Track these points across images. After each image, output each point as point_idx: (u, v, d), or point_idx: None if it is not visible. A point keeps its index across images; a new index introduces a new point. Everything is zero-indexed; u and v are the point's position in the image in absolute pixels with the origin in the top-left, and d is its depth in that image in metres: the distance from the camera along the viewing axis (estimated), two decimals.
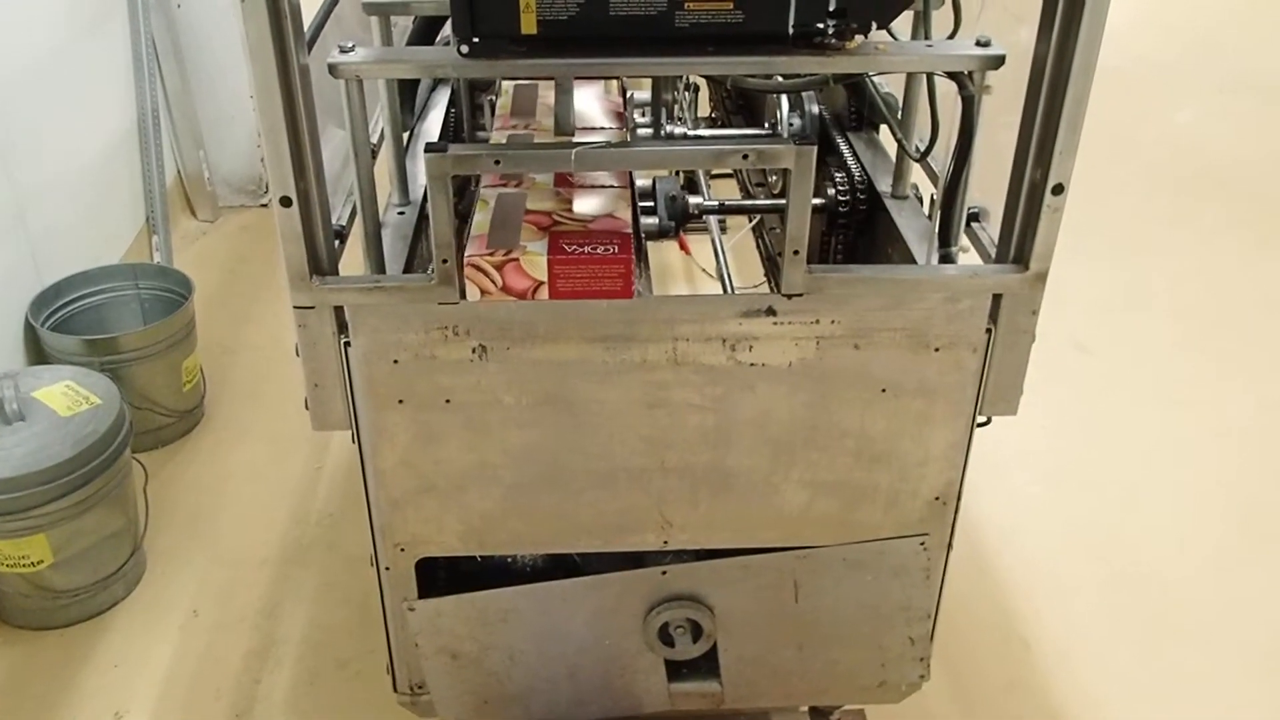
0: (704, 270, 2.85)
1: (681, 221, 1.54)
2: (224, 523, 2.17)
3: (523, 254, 1.16)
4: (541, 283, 1.16)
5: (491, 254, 1.16)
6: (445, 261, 1.13)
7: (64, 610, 1.94)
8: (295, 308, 1.17)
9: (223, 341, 2.67)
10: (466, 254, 1.16)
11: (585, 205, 1.28)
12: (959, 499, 1.34)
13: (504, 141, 1.43)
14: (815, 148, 1.09)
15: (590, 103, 1.52)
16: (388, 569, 1.37)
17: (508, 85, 1.55)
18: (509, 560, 1.44)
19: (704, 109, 2.21)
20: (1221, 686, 1.83)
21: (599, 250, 1.17)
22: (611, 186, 1.33)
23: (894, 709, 1.59)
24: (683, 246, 2.96)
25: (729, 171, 2.35)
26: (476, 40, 1.04)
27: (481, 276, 1.16)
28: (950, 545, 1.38)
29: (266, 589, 2.01)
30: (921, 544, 1.36)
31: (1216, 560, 2.08)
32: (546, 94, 1.52)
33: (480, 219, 1.24)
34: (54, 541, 1.86)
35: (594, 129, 1.45)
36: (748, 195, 2.18)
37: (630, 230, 1.21)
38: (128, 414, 1.97)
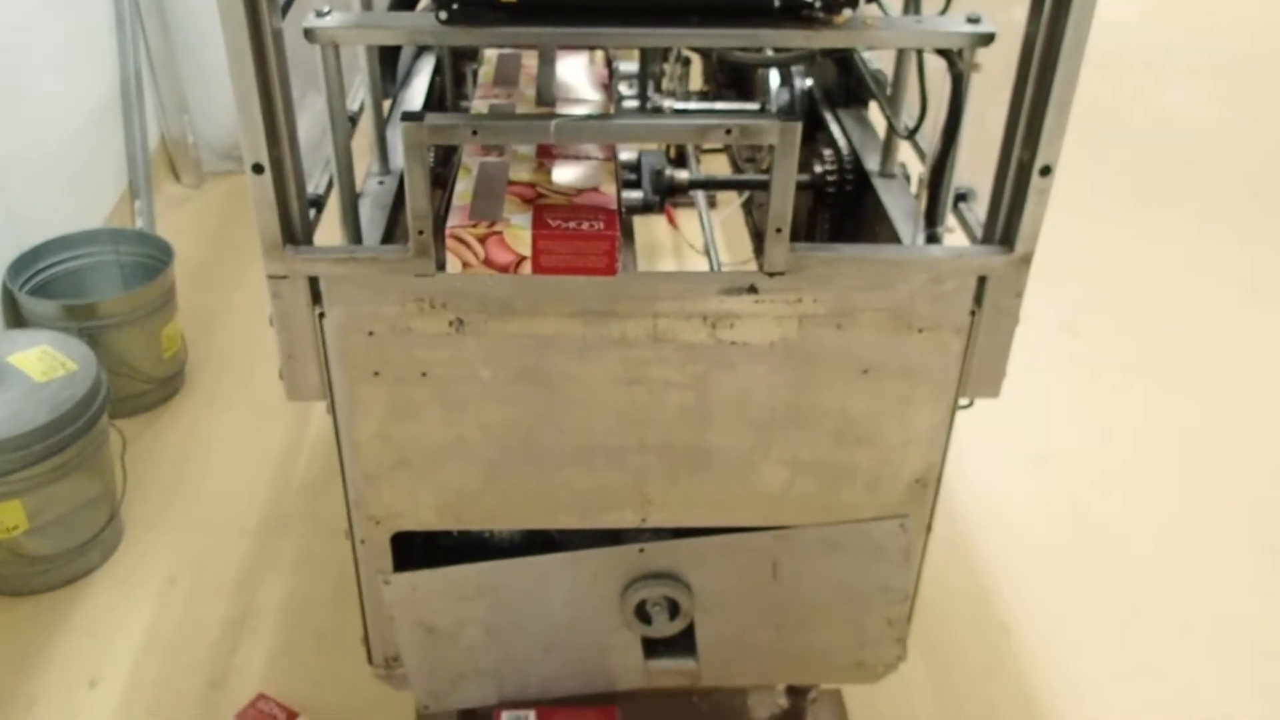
0: (691, 246, 2.83)
1: (666, 196, 1.52)
2: (203, 491, 2.16)
3: (506, 227, 1.13)
4: (524, 257, 1.14)
5: (474, 225, 1.14)
6: (421, 233, 1.11)
7: (40, 576, 1.92)
8: (269, 277, 1.15)
9: (206, 308, 2.65)
10: (448, 225, 1.14)
11: (570, 177, 1.26)
12: (939, 481, 1.33)
13: (484, 111, 1.40)
14: (800, 124, 1.07)
15: (575, 74, 1.49)
16: (363, 542, 1.35)
17: (491, 54, 1.53)
18: (486, 535, 1.43)
19: (696, 83, 2.19)
20: (1198, 674, 1.84)
21: (584, 226, 1.14)
22: (596, 158, 1.31)
23: (871, 689, 1.58)
24: (671, 221, 2.94)
25: (720, 146, 2.33)
26: (456, 6, 1.02)
27: (463, 248, 1.14)
28: (930, 527, 1.38)
29: (245, 558, 2.00)
30: (901, 525, 1.35)
31: (1198, 548, 2.09)
32: (530, 63, 1.49)
33: (462, 188, 1.22)
34: (29, 507, 1.84)
35: (578, 100, 1.43)
36: (738, 171, 2.17)
37: (616, 205, 1.20)
38: (105, 380, 1.95)
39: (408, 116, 1.07)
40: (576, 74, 1.48)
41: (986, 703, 1.78)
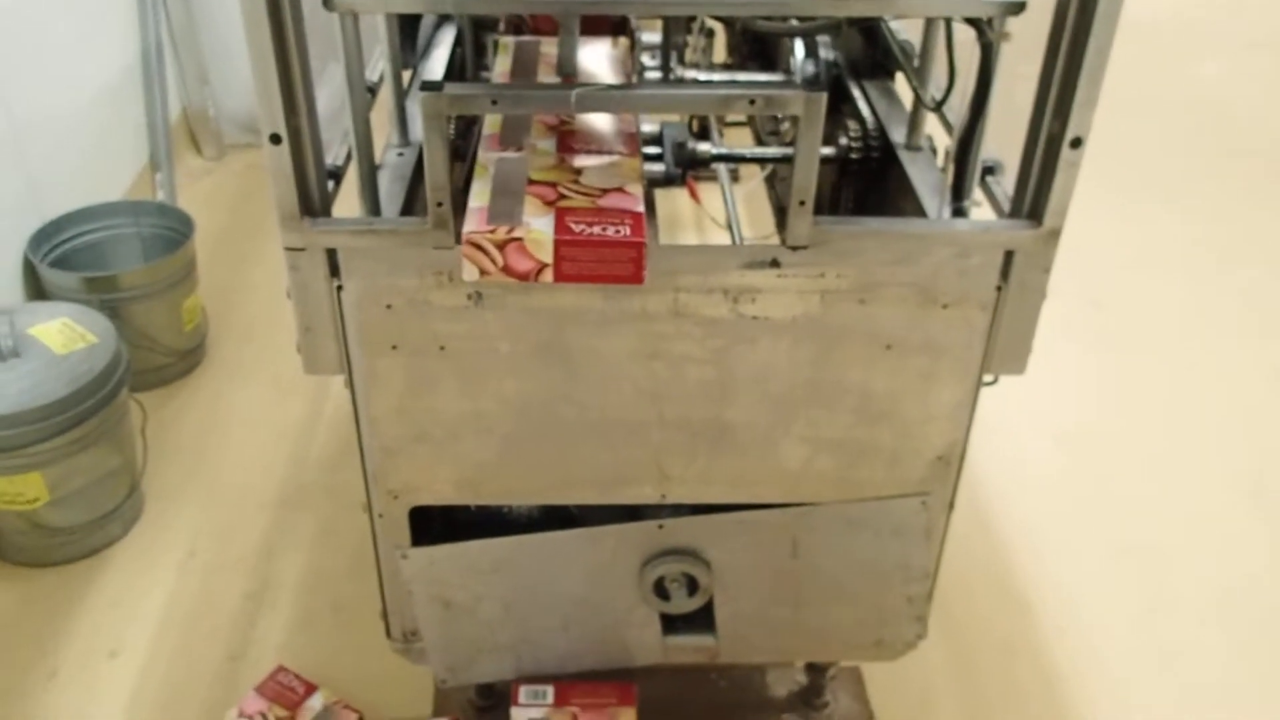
0: (713, 220, 2.80)
1: (688, 169, 1.50)
2: (223, 464, 2.16)
3: (526, 232, 1.07)
4: (546, 265, 1.08)
5: (492, 231, 1.07)
6: (440, 205, 1.10)
7: (61, 548, 1.93)
8: (286, 249, 1.14)
9: (226, 282, 2.65)
10: (465, 230, 1.08)
11: (594, 175, 1.18)
12: (962, 458, 1.31)
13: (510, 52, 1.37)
14: (825, 95, 1.05)
15: (598, 61, 1.46)
16: (381, 516, 1.35)
17: (508, 41, 1.49)
18: (504, 510, 1.43)
19: (720, 55, 2.16)
20: (1223, 654, 1.82)
21: (609, 231, 1.07)
22: (620, 152, 1.23)
23: (890, 666, 1.57)
24: (693, 194, 2.91)
25: (743, 119, 2.30)
26: None
27: (481, 256, 1.08)
28: (952, 505, 1.36)
29: (264, 531, 2.01)
30: (923, 503, 1.34)
31: (1220, 530, 2.06)
32: (549, 50, 1.46)
33: (479, 187, 1.15)
34: (49, 479, 1.85)
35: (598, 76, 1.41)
36: (761, 144, 2.14)
37: (642, 208, 1.12)
38: (125, 353, 1.95)
39: (427, 86, 1.05)
40: (600, 61, 1.45)
41: (1007, 681, 1.77)
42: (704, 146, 1.49)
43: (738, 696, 1.66)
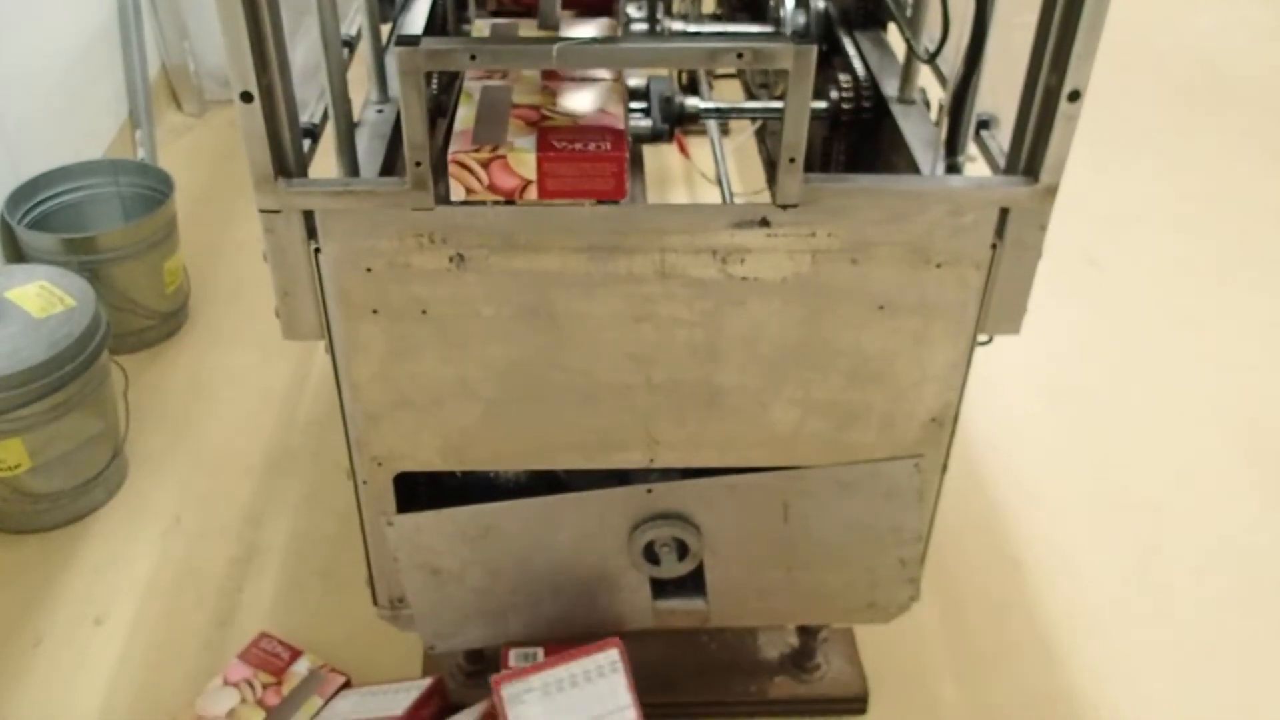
0: (703, 175, 2.77)
1: (676, 124, 1.47)
2: (208, 428, 2.14)
3: (510, 150, 1.09)
4: (530, 182, 1.11)
5: (477, 150, 1.09)
6: (419, 164, 1.06)
7: (44, 514, 1.91)
8: (261, 211, 1.11)
9: (209, 241, 2.61)
10: (451, 150, 1.10)
11: (575, 100, 1.21)
12: (955, 420, 1.29)
13: (485, 35, 1.35)
14: (815, 48, 1.01)
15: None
16: (365, 483, 1.33)
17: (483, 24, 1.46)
18: (491, 475, 1.40)
19: (709, 5, 2.11)
20: (1214, 611, 1.81)
21: (590, 147, 1.10)
22: (603, 80, 1.26)
23: (882, 628, 1.56)
24: (682, 149, 2.88)
25: (733, 72, 2.26)
26: None
27: (466, 174, 1.10)
28: (945, 467, 1.34)
29: (250, 496, 1.98)
30: (915, 465, 1.32)
31: (1214, 487, 2.05)
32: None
33: (465, 113, 1.18)
34: (30, 445, 1.82)
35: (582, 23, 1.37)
36: (751, 97, 2.10)
37: (623, 126, 1.15)
38: (104, 316, 1.91)
39: (403, 41, 1.02)
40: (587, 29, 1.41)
41: (999, 639, 1.76)
42: (692, 101, 1.46)
43: (729, 659, 1.65)
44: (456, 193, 1.10)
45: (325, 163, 1.20)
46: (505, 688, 1.32)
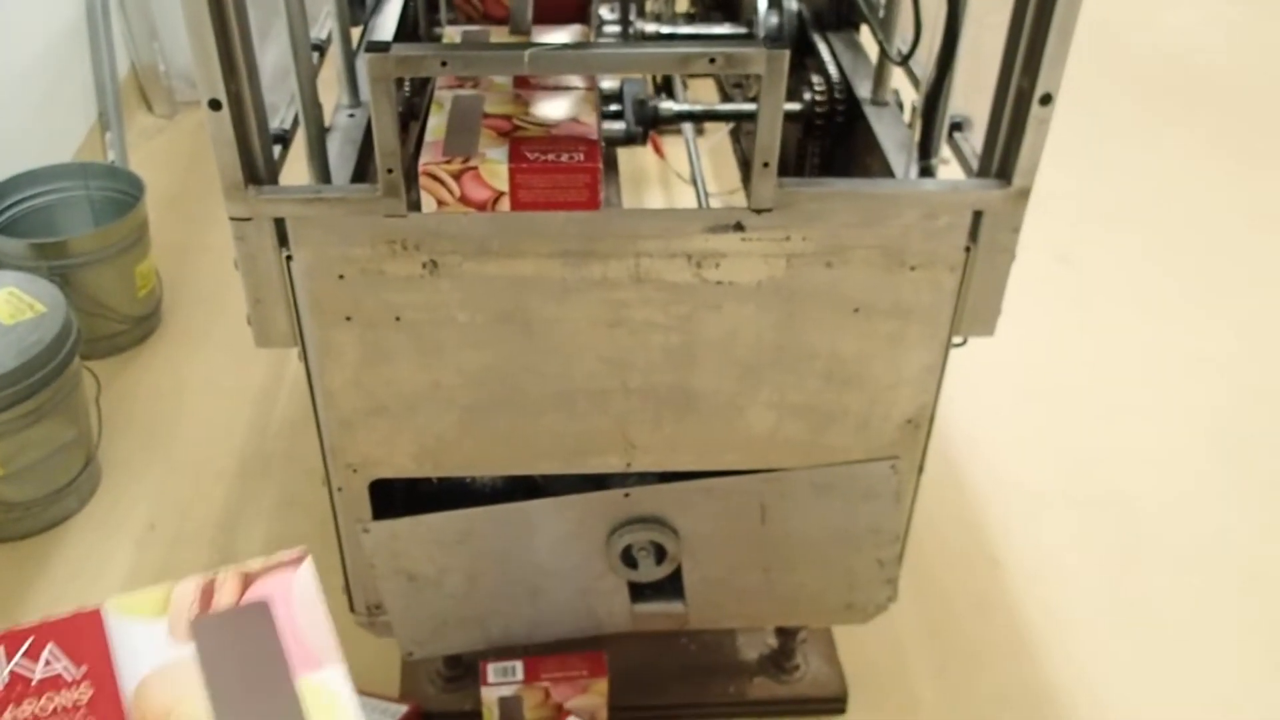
0: (678, 175, 2.76)
1: (650, 127, 1.46)
2: (181, 433, 2.12)
3: (482, 162, 1.09)
4: (502, 193, 1.10)
5: (448, 161, 1.09)
6: (390, 171, 1.06)
7: (17, 523, 1.89)
8: (231, 219, 1.10)
9: (181, 245, 2.58)
10: (422, 162, 1.09)
11: (548, 108, 1.20)
12: (931, 421, 1.30)
13: (457, 40, 1.34)
14: (788, 52, 1.01)
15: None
16: (340, 490, 1.32)
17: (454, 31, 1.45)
18: (468, 481, 1.40)
19: (683, 4, 2.11)
20: (1192, 609, 1.83)
21: (563, 158, 1.10)
22: (576, 87, 1.25)
23: (861, 629, 1.57)
24: (657, 149, 2.87)
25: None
26: None
27: (438, 186, 1.10)
28: (922, 468, 1.34)
29: (225, 502, 1.97)
30: (892, 467, 1.32)
31: (1190, 483, 2.06)
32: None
33: (435, 123, 1.17)
34: (2, 453, 1.80)
35: (555, 27, 1.36)
36: (725, 95, 2.10)
37: (597, 136, 1.15)
38: (75, 322, 1.89)
39: (372, 47, 1.01)
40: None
41: (977, 638, 1.77)
42: (666, 104, 1.45)
43: (709, 660, 1.65)
44: (428, 205, 1.10)
45: (297, 168, 1.19)
46: None
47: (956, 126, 1.24)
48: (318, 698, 0.51)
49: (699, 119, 1.52)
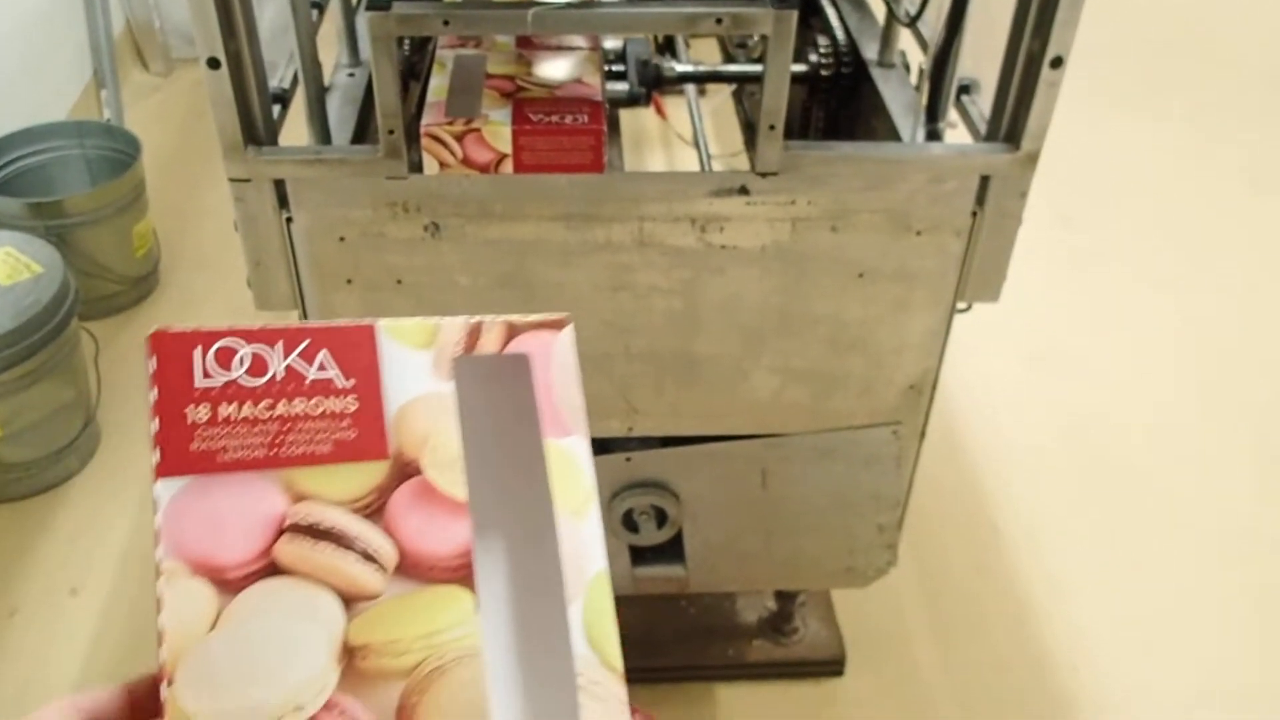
0: (680, 137, 2.74)
1: (653, 88, 1.45)
2: None
3: (484, 124, 1.08)
4: (505, 155, 1.09)
5: (450, 123, 1.08)
6: (391, 132, 1.04)
7: (16, 484, 1.89)
8: (231, 180, 1.08)
9: (179, 205, 2.57)
10: (424, 123, 1.08)
11: (551, 69, 1.19)
12: (934, 387, 1.29)
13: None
14: (795, 13, 0.99)
15: None
16: None
17: None
18: None
19: None
20: (1190, 573, 1.83)
21: (567, 120, 1.09)
22: (580, 47, 1.24)
23: (860, 592, 1.57)
24: (659, 111, 2.84)
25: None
26: None
27: (440, 148, 1.09)
28: (924, 434, 1.34)
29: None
30: (894, 432, 1.32)
31: (1193, 446, 2.07)
32: None
33: (438, 83, 1.16)
34: (1, 415, 1.80)
35: None
36: (728, 55, 2.08)
37: (601, 97, 1.13)
38: (73, 282, 1.88)
39: (373, 5, 0.99)
40: None
41: (976, 601, 1.77)
42: (669, 65, 1.44)
43: (708, 624, 1.66)
44: (430, 166, 1.08)
45: (296, 128, 1.18)
46: None
47: (964, 89, 1.23)
48: (561, 462, 0.52)
49: (703, 80, 1.51)
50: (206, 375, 0.51)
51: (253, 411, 0.51)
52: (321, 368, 0.53)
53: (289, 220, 1.11)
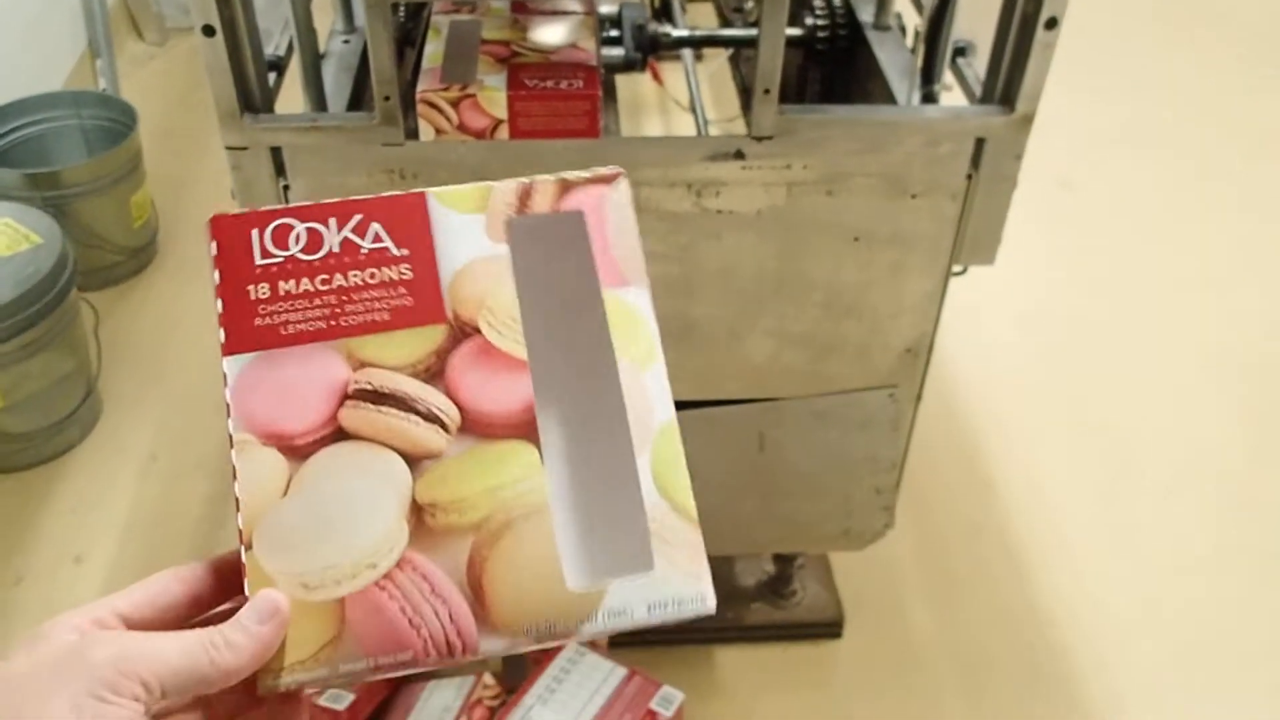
0: (677, 103, 2.73)
1: (649, 53, 1.45)
2: (181, 364, 2.12)
3: (480, 90, 1.08)
4: (501, 121, 1.09)
5: (446, 89, 1.08)
6: (387, 99, 1.05)
7: (18, 454, 1.90)
8: (228, 148, 1.09)
9: (176, 174, 2.56)
10: (419, 89, 1.08)
11: (546, 33, 1.19)
12: (930, 350, 1.30)
13: None
14: None
15: None
16: None
17: None
18: None
19: None
20: (1184, 529, 1.85)
21: (562, 85, 1.09)
22: (575, 12, 1.24)
23: (857, 555, 1.59)
24: (656, 76, 2.83)
25: None
26: None
27: (435, 114, 1.09)
28: (920, 397, 1.35)
29: (225, 433, 1.97)
30: (891, 396, 1.33)
31: (1188, 404, 2.08)
32: None
33: (433, 49, 1.16)
34: (2, 385, 1.80)
35: None
36: (724, 19, 2.07)
37: (596, 62, 1.13)
38: (72, 252, 1.88)
39: None
40: None
41: (973, 560, 1.79)
42: (665, 29, 1.43)
43: None
44: (426, 133, 1.09)
45: (293, 96, 1.18)
46: (509, 719, 1.37)
47: (960, 52, 1.23)
48: (621, 313, 0.53)
49: (699, 44, 1.50)
50: (265, 254, 0.53)
51: (311, 285, 0.52)
52: (376, 239, 0.54)
53: (286, 188, 1.12)
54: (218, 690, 0.47)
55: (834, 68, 1.47)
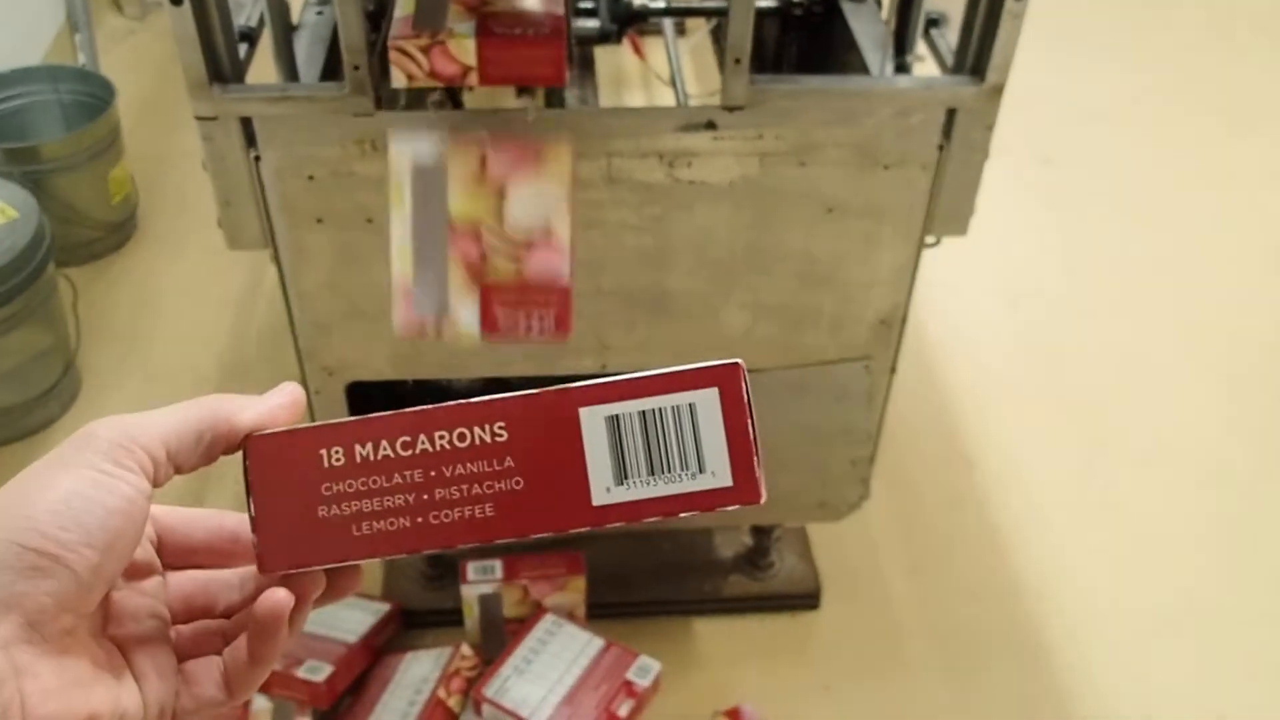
0: (659, 77, 2.72)
1: (625, 25, 1.44)
2: (161, 339, 2.12)
3: (450, 37, 1.07)
4: (470, 68, 1.09)
5: (417, 36, 1.07)
6: (357, 69, 1.04)
7: None
8: (197, 118, 1.08)
9: (156, 150, 2.55)
10: (391, 36, 1.08)
11: None
12: (904, 322, 1.31)
13: None
14: None
15: None
16: (317, 393, 1.33)
17: None
18: (445, 383, 1.41)
19: None
20: (1161, 503, 1.86)
21: (530, 32, 1.08)
22: None
23: (835, 526, 1.60)
24: (637, 50, 2.82)
25: None
26: None
27: (407, 61, 1.08)
28: (894, 368, 1.36)
29: None
30: (865, 367, 1.33)
31: (1164, 379, 2.09)
32: None
33: (406, 1, 1.15)
34: None
35: None
36: None
37: (563, 12, 1.13)
38: (49, 227, 1.87)
39: None
40: None
41: (950, 535, 1.80)
42: (641, 0, 1.43)
43: (685, 559, 1.68)
44: (398, 80, 1.08)
45: (266, 68, 1.18)
46: (486, 689, 1.38)
47: (933, 23, 1.23)
48: None
49: (674, 14, 1.50)
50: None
51: None
52: None
53: (257, 159, 1.12)
54: (221, 450, 0.46)
55: (810, 39, 1.47)
